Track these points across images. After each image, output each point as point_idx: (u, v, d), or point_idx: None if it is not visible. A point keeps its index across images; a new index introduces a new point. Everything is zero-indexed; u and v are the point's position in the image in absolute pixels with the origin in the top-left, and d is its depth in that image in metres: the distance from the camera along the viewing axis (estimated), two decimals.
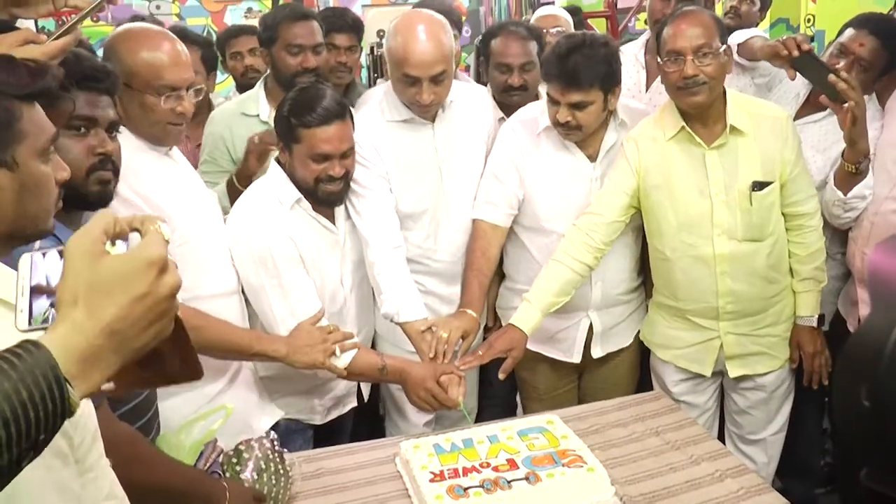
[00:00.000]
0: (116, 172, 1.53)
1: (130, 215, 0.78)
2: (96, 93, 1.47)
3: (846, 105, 1.98)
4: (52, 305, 0.76)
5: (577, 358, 2.35)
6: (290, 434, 2.16)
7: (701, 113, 2.06)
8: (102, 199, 1.50)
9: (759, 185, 2.07)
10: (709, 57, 1.98)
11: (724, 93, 2.09)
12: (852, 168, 2.07)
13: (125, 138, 1.82)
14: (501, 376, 2.09)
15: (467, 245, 2.32)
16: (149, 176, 1.77)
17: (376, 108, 2.24)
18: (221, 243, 1.99)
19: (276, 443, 1.77)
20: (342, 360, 2.00)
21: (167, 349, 0.79)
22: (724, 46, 2.02)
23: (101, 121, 1.49)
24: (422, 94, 2.10)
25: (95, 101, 1.47)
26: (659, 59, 2.06)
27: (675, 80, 2.01)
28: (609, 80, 2.08)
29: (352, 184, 2.15)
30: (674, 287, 2.19)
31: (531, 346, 2.38)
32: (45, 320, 0.76)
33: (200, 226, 1.89)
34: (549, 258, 2.16)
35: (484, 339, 2.52)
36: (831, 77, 1.99)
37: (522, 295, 2.15)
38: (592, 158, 2.23)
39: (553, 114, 2.12)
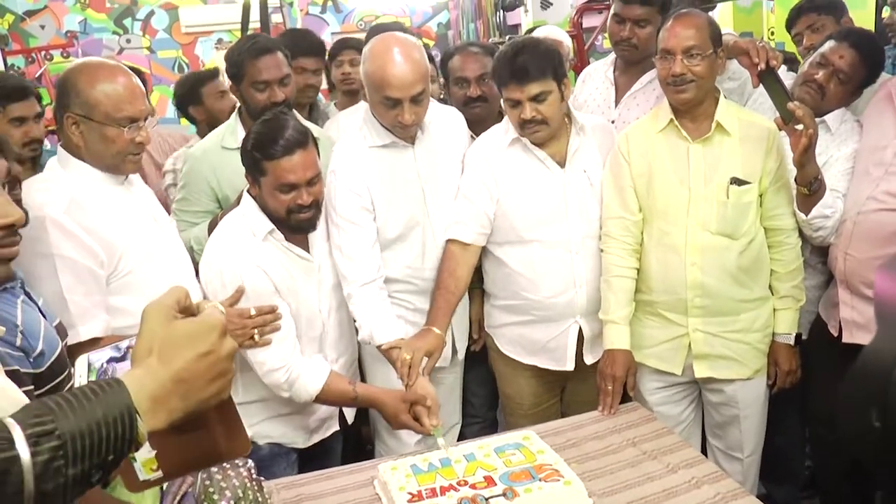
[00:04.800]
0: None
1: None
2: None
3: (799, 128, 2.03)
4: None
5: (570, 365, 2.36)
6: (273, 458, 2.16)
7: (690, 109, 2.15)
8: None
9: (738, 181, 2.13)
10: (697, 58, 2.07)
11: (719, 96, 2.17)
12: (805, 190, 2.13)
13: (79, 170, 1.84)
14: (632, 394, 2.22)
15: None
16: (97, 209, 1.79)
17: (357, 135, 2.27)
18: (184, 263, 2.03)
19: (252, 471, 1.76)
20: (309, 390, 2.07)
21: (216, 420, 0.89)
22: (717, 49, 2.11)
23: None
24: (403, 115, 2.13)
25: None
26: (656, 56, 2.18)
27: (664, 77, 2.13)
28: (558, 70, 2.18)
29: (335, 216, 2.18)
30: (647, 277, 2.24)
31: (522, 359, 2.41)
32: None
33: (159, 250, 1.92)
34: (603, 277, 2.25)
35: (468, 349, 2.55)
36: (790, 105, 2.05)
37: (601, 318, 2.27)
38: (561, 165, 2.27)
39: (517, 116, 2.17)
